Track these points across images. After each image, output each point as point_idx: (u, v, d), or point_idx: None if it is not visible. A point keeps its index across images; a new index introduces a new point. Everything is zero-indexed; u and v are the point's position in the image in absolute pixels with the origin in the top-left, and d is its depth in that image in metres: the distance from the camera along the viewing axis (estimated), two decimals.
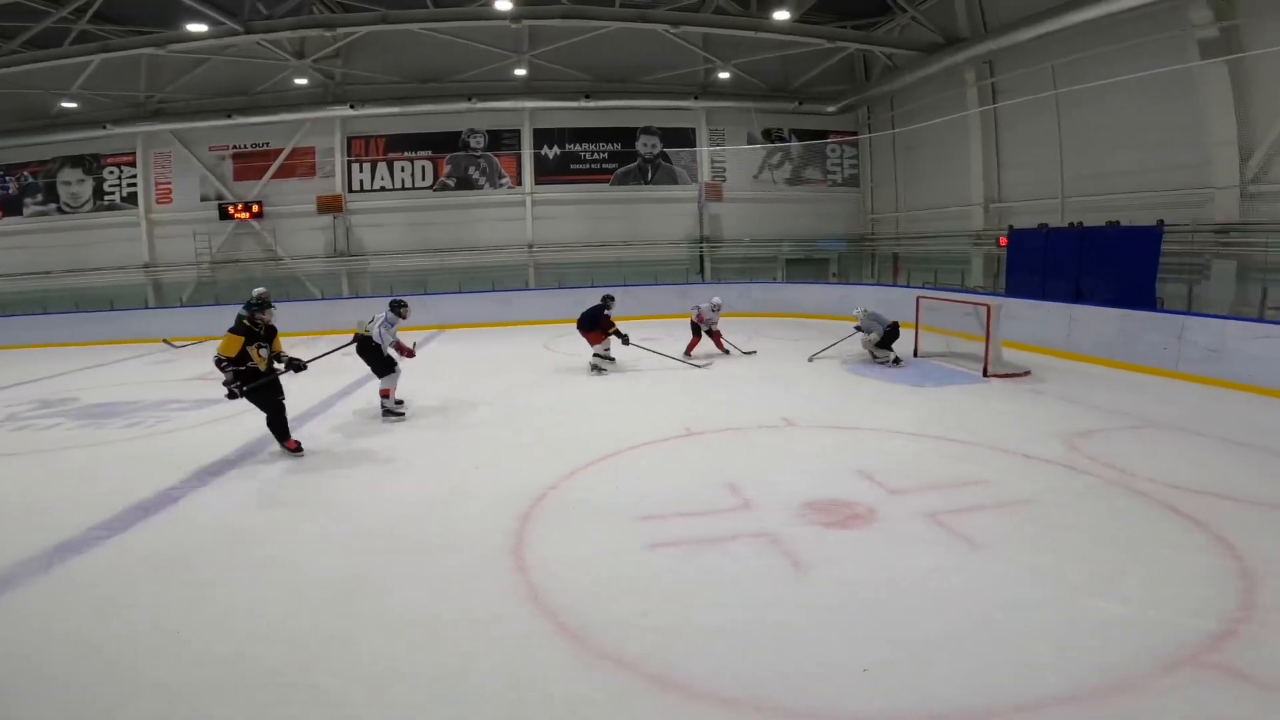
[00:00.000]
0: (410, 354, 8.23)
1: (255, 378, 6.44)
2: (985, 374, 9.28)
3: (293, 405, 7.00)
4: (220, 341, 6.48)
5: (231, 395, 6.35)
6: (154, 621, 3.67)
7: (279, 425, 6.63)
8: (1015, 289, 12.87)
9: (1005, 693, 2.84)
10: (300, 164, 19.10)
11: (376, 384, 8.24)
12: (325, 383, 10.09)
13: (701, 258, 19.95)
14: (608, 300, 10.44)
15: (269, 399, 6.56)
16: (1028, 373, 9.35)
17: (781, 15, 14.12)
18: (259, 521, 5.09)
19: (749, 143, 19.98)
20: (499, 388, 9.71)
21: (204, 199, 19.04)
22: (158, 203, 19.12)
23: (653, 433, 6.99)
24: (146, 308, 18.22)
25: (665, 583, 3.90)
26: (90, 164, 18.99)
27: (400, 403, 8.31)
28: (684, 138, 19.89)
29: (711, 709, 2.83)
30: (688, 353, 11.27)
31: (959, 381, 9.10)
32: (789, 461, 6.06)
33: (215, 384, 10.65)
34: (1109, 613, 3.40)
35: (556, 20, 14.87)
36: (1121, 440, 6.35)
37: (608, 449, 6.48)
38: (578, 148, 19.66)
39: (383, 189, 19.40)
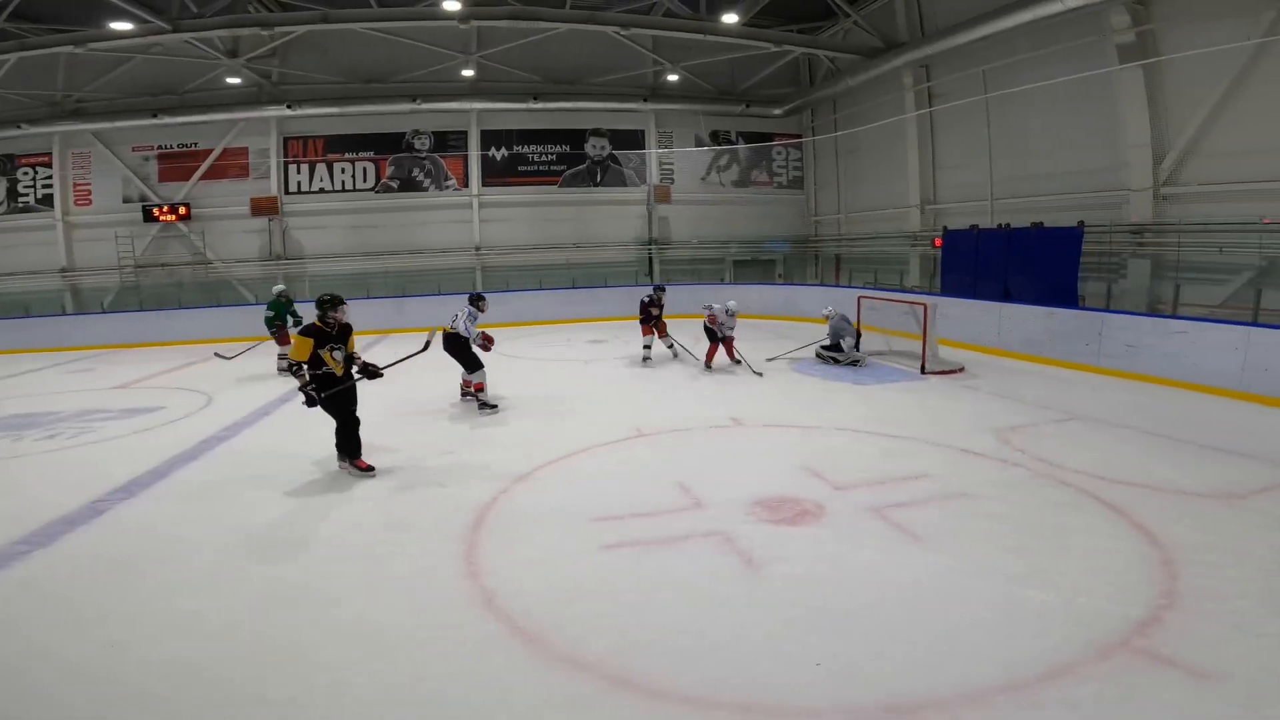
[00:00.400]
0: (491, 344, 8.36)
1: (333, 383, 5.82)
2: (923, 371, 9.64)
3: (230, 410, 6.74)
4: (291, 346, 6.12)
5: (310, 402, 5.72)
6: (87, 638, 3.50)
7: (349, 439, 5.99)
8: (950, 288, 13.40)
9: (952, 682, 2.95)
10: (232, 165, 18.35)
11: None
12: (255, 391, 9.75)
13: (650, 259, 20.07)
14: (657, 289, 11.32)
15: (341, 408, 5.91)
16: (962, 369, 9.75)
17: (730, 18, 14.35)
18: (194, 532, 4.89)
19: (697, 145, 20.21)
20: (445, 393, 9.56)
21: (127, 200, 18.09)
22: (76, 204, 18.06)
23: (603, 435, 7.01)
24: (64, 314, 17.20)
25: (620, 584, 3.93)
26: (4, 165, 17.82)
27: (489, 397, 8.42)
28: (633, 140, 19.97)
29: (672, 708, 2.87)
30: (707, 363, 10.44)
31: (899, 379, 9.42)
32: (738, 460, 6.17)
33: (142, 393, 10.26)
34: (1044, 602, 3.56)
35: (505, 21, 14.72)
36: (1049, 433, 6.69)
37: (558, 452, 6.48)
38: (526, 149, 19.50)
39: (322, 191, 18.81)
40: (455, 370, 8.77)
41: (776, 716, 2.78)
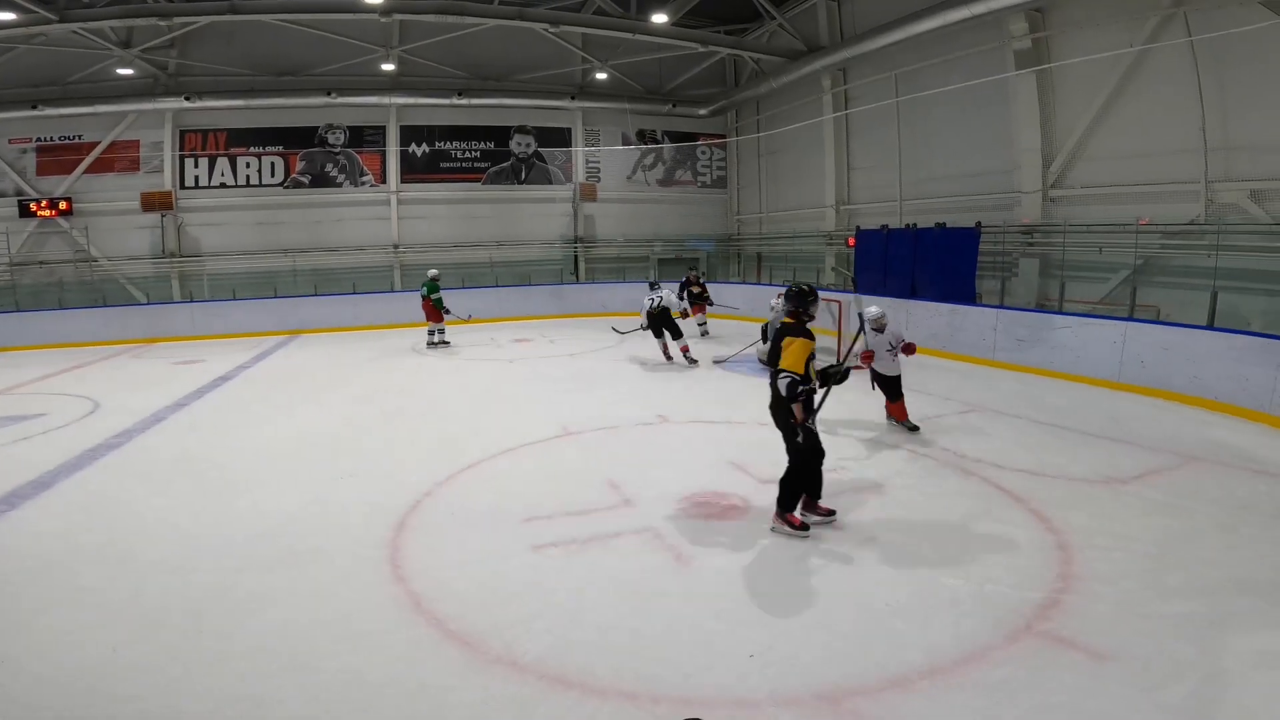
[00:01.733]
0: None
1: (812, 399, 4.52)
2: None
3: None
4: (785, 354, 4.34)
5: (809, 437, 4.43)
6: None
7: (813, 479, 4.56)
8: (863, 286, 14.02)
9: (878, 668, 3.10)
10: (121, 158, 17.00)
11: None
12: (146, 395, 9.13)
13: (576, 258, 20.00)
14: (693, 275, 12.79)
15: (813, 439, 4.51)
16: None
17: (660, 18, 14.49)
18: (86, 544, 4.59)
19: (623, 143, 20.27)
20: (364, 393, 9.25)
21: (0, 195, 16.48)
22: None
23: (530, 434, 6.98)
24: None
25: (553, 583, 3.94)
26: None
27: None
28: (559, 137, 19.82)
29: (612, 705, 2.90)
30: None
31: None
32: (666, 456, 6.28)
33: (22, 399, 9.36)
34: (957, 588, 3.78)
35: (431, 16, 14.28)
36: (952, 424, 7.14)
37: (485, 452, 6.41)
38: (448, 146, 19.01)
39: (223, 186, 17.71)
40: (373, 371, 8.48)
41: (715, 709, 2.84)
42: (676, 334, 10.67)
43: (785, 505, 4.50)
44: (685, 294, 13.04)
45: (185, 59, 16.53)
